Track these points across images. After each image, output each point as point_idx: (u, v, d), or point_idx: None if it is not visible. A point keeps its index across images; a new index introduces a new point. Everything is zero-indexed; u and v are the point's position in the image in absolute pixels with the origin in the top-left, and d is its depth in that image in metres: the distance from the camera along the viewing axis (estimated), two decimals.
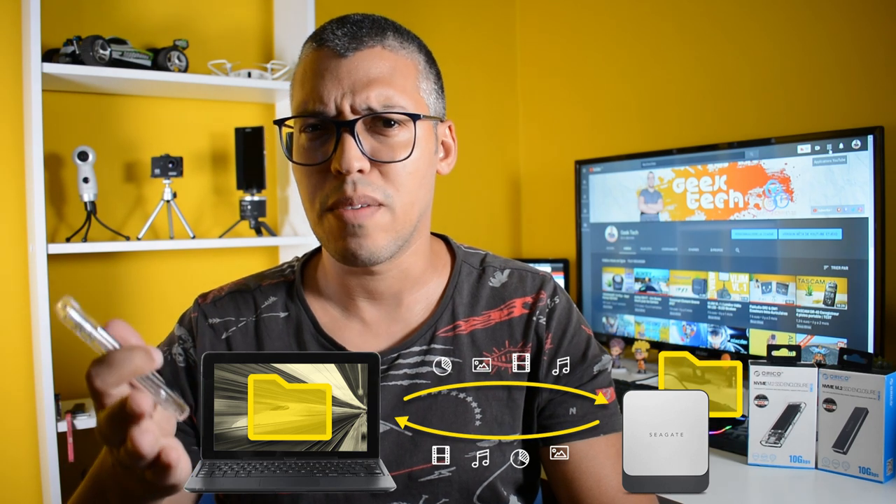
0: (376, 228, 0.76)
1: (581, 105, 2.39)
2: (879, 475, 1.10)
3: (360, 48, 0.75)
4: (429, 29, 2.44)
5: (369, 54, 0.76)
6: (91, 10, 1.93)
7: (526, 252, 2.63)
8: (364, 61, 0.75)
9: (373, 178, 0.75)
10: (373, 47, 0.76)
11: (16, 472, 1.84)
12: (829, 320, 1.53)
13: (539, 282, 0.88)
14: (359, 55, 0.75)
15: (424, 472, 0.79)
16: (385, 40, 0.77)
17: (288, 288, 0.88)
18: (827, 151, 1.53)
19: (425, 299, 0.85)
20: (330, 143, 0.75)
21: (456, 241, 0.93)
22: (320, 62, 0.76)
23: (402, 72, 0.77)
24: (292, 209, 2.11)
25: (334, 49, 0.75)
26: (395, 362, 0.82)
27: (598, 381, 0.85)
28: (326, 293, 0.86)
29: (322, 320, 0.85)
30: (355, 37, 0.76)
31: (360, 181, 0.74)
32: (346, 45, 0.75)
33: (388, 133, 0.76)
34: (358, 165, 0.73)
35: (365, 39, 0.76)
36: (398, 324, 0.84)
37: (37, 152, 1.64)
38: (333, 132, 0.75)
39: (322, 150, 0.76)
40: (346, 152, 0.73)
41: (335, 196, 0.75)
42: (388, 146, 0.76)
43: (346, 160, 0.73)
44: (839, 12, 1.69)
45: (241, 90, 1.98)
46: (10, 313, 1.84)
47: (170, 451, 0.51)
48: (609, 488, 0.80)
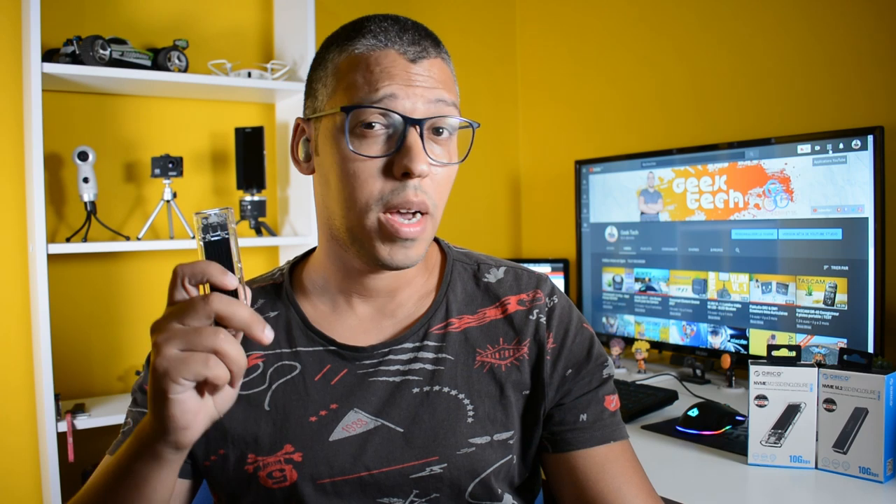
0: (423, 240, 0.77)
1: (581, 105, 2.39)
2: (879, 475, 1.10)
3: (426, 56, 0.77)
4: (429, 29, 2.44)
5: (433, 64, 0.77)
6: (91, 10, 1.94)
7: (526, 252, 2.63)
8: (430, 69, 0.77)
9: (427, 185, 0.76)
10: (434, 57, 0.78)
11: (16, 471, 1.84)
12: (829, 320, 1.53)
13: (535, 280, 0.88)
14: (426, 63, 0.77)
15: (415, 468, 0.79)
16: (441, 53, 0.79)
17: (276, 290, 0.88)
18: (827, 151, 1.53)
19: (416, 296, 0.86)
20: (391, 142, 0.75)
21: (448, 243, 0.93)
22: (388, 62, 0.76)
23: (452, 83, 0.80)
24: (292, 209, 2.11)
25: (403, 53, 0.76)
26: (386, 357, 0.82)
27: (605, 387, 0.85)
28: (316, 291, 0.86)
29: (311, 316, 0.85)
30: (421, 44, 0.77)
31: (419, 186, 0.75)
32: (415, 52, 0.76)
33: (439, 141, 0.78)
34: (426, 169, 0.74)
35: (429, 49, 0.78)
36: (388, 319, 0.85)
37: (37, 152, 1.64)
38: (397, 132, 0.75)
39: (384, 148, 0.75)
40: (418, 153, 0.73)
41: (396, 198, 0.74)
42: (439, 154, 0.78)
43: (418, 161, 0.73)
44: (839, 12, 1.69)
45: (241, 90, 1.98)
46: (10, 313, 1.84)
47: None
48: (628, 495, 0.80)
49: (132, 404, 0.87)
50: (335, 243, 0.82)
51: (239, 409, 0.81)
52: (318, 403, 0.81)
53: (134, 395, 0.87)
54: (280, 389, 0.82)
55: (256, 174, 2.01)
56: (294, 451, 0.79)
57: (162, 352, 0.59)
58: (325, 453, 0.79)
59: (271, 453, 0.79)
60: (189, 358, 0.58)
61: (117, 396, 1.94)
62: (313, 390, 0.81)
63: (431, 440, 0.79)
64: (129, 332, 2.01)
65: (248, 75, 1.97)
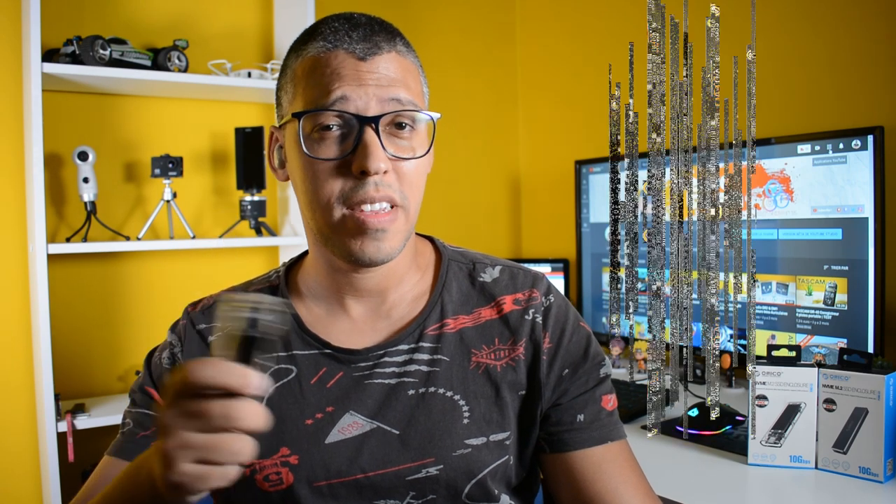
0: (394, 231, 0.77)
1: (581, 105, 2.39)
2: (879, 475, 1.09)
3: (378, 52, 0.76)
4: (429, 29, 2.44)
5: (386, 58, 0.77)
6: (91, 10, 1.94)
7: (526, 252, 2.63)
8: (382, 64, 0.76)
9: (390, 179, 0.76)
10: (389, 52, 0.77)
11: (16, 471, 1.84)
12: (829, 320, 1.53)
13: (531, 279, 0.87)
14: (377, 59, 0.76)
15: (411, 470, 0.79)
16: (396, 45, 0.79)
17: (272, 292, 0.88)
18: (827, 151, 1.53)
19: (410, 297, 0.85)
20: (348, 142, 0.75)
21: (443, 242, 0.93)
22: (337, 63, 0.76)
23: (412, 75, 0.80)
24: (292, 209, 2.11)
25: (352, 52, 0.76)
26: (381, 359, 0.82)
27: (603, 387, 0.85)
28: (311, 294, 0.86)
29: (306, 319, 0.85)
30: (371, 41, 0.77)
31: (380, 182, 0.75)
32: (364, 49, 0.76)
33: (401, 135, 0.77)
34: (384, 166, 0.74)
35: (382, 44, 0.77)
36: (383, 321, 0.85)
37: (37, 152, 1.64)
38: (353, 131, 0.75)
39: (340, 148, 0.75)
40: (374, 152, 0.73)
41: (356, 196, 0.74)
42: (402, 148, 0.77)
43: (374, 160, 0.73)
44: (839, 12, 1.69)
45: (241, 90, 1.98)
46: (10, 313, 1.84)
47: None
48: (625, 495, 0.80)
49: (131, 405, 0.87)
50: (319, 244, 0.82)
51: None
52: (313, 406, 0.81)
53: (133, 396, 0.87)
54: (276, 393, 0.82)
55: (256, 174, 2.01)
56: (290, 453, 0.79)
57: (176, 467, 0.55)
58: (321, 456, 0.79)
59: (267, 456, 0.79)
60: (205, 473, 0.55)
61: (117, 396, 1.94)
62: (309, 393, 0.81)
63: (427, 442, 0.79)
64: (129, 332, 2.01)
65: (248, 75, 1.97)
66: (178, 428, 0.55)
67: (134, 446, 0.83)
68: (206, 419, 0.54)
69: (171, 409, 0.56)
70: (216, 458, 0.55)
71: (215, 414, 0.54)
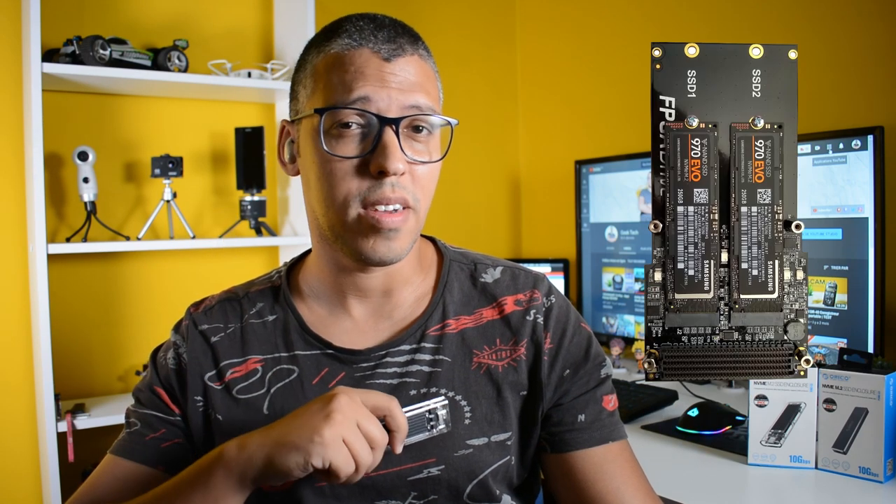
0: (406, 232, 0.77)
1: (581, 105, 2.39)
2: (879, 475, 1.10)
3: (402, 55, 0.77)
4: (429, 29, 2.44)
5: (409, 61, 0.77)
6: (91, 10, 1.94)
7: (526, 252, 2.63)
8: (405, 67, 0.77)
9: (405, 182, 0.76)
10: (412, 55, 0.78)
11: (16, 471, 1.84)
12: (829, 320, 1.53)
13: (532, 280, 0.87)
14: (401, 61, 0.77)
15: (413, 470, 0.79)
16: (419, 49, 0.79)
17: (275, 292, 0.88)
18: (827, 151, 1.53)
19: (413, 297, 0.86)
20: (367, 141, 0.75)
21: (444, 243, 0.93)
22: (362, 61, 0.76)
23: (431, 80, 0.80)
24: (292, 209, 2.11)
25: (377, 52, 0.76)
26: (383, 360, 0.82)
27: (604, 387, 0.85)
28: (313, 294, 0.86)
29: (308, 319, 0.85)
30: (396, 42, 0.77)
31: (396, 183, 0.75)
32: (389, 50, 0.76)
33: (419, 138, 0.78)
34: (402, 168, 0.74)
35: (406, 47, 0.77)
36: (386, 321, 0.85)
37: (37, 152, 1.64)
38: (373, 131, 0.75)
39: (359, 147, 0.75)
40: (393, 153, 0.74)
41: (373, 196, 0.75)
42: (419, 151, 0.78)
43: (393, 160, 0.73)
44: (840, 12, 1.69)
45: (241, 90, 1.98)
46: (10, 313, 1.84)
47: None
48: (626, 495, 0.80)
49: (136, 405, 0.86)
50: (325, 243, 0.82)
51: (238, 414, 0.81)
52: None
53: (138, 396, 0.87)
54: (278, 393, 0.82)
55: (256, 174, 2.01)
56: None
57: (334, 443, 0.66)
58: None
59: None
60: (342, 453, 0.66)
61: (117, 396, 1.94)
62: (311, 394, 0.81)
63: (428, 442, 0.79)
64: (130, 331, 2.01)
65: (248, 75, 1.97)
66: (353, 413, 0.67)
67: (143, 448, 0.82)
68: (371, 430, 0.67)
69: (355, 404, 0.67)
70: (357, 452, 0.66)
71: (376, 433, 0.68)
